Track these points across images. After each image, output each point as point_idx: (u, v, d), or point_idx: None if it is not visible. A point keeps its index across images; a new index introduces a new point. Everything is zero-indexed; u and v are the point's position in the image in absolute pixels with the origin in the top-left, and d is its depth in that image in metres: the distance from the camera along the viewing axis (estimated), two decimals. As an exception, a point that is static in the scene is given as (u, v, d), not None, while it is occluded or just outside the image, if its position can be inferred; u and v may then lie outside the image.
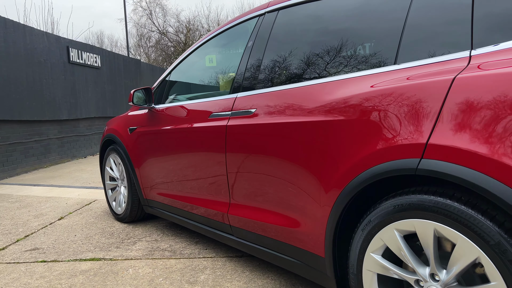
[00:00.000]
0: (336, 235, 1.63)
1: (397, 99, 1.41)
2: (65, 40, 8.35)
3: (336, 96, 1.62)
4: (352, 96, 1.56)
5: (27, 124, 7.11)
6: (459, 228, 1.21)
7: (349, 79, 1.64)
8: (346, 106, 1.57)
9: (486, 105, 1.17)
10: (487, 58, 1.26)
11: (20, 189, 5.40)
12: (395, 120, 1.39)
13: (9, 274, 2.48)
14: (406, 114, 1.37)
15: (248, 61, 2.18)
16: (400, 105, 1.39)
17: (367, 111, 1.49)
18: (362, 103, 1.51)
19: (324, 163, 1.64)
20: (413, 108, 1.35)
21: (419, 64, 1.43)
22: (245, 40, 2.27)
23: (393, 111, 1.41)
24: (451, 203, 1.23)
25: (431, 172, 1.26)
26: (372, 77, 1.55)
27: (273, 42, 2.08)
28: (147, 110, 3.01)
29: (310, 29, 2.01)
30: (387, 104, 1.43)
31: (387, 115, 1.42)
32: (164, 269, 2.43)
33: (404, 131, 1.36)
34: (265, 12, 2.19)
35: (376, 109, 1.46)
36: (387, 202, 1.42)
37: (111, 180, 3.64)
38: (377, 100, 1.46)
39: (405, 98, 1.38)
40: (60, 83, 8.05)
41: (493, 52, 1.26)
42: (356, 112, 1.52)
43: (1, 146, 6.47)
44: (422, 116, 1.32)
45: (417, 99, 1.35)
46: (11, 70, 6.59)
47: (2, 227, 3.54)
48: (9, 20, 6.60)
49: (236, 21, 2.43)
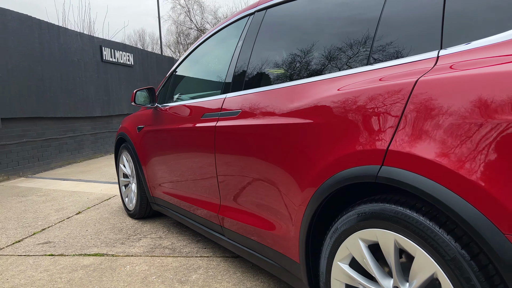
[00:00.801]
0: (309, 241, 1.58)
1: (359, 103, 1.34)
2: (98, 40, 8.66)
3: (305, 99, 1.58)
4: (318, 99, 1.51)
5: (61, 121, 7.45)
6: (417, 240, 1.14)
7: (319, 81, 1.58)
8: (312, 110, 1.52)
9: (446, 111, 1.09)
10: (454, 59, 1.17)
11: (50, 183, 5.67)
12: (358, 125, 1.33)
13: (17, 266, 2.62)
14: (368, 119, 1.30)
15: (237, 61, 2.16)
16: (362, 110, 1.33)
17: (331, 115, 1.44)
18: (326, 107, 1.46)
19: (295, 168, 1.60)
20: (375, 113, 1.29)
21: (387, 66, 1.35)
22: (237, 39, 2.25)
23: (355, 116, 1.35)
24: (410, 213, 1.16)
25: (390, 180, 1.19)
26: (341, 79, 1.49)
27: (259, 43, 2.05)
28: (152, 109, 3.06)
29: (286, 31, 1.97)
30: (350, 109, 1.37)
31: (350, 119, 1.36)
32: (159, 267, 2.47)
33: (366, 137, 1.30)
34: (254, 11, 2.16)
35: (339, 113, 1.40)
36: (352, 210, 1.36)
37: (125, 177, 3.74)
38: (340, 104, 1.41)
39: (368, 102, 1.32)
40: (93, 81, 8.36)
41: (461, 52, 1.17)
42: (321, 116, 1.47)
43: (36, 142, 6.83)
44: (384, 121, 1.25)
45: (379, 103, 1.28)
46: (45, 70, 6.92)
47: (24, 220, 3.74)
48: (43, 22, 6.92)
49: (232, 19, 2.41)
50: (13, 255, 2.83)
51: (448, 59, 1.19)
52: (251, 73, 2.06)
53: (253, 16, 2.16)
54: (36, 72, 6.71)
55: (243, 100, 2.00)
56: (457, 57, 1.17)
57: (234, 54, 2.21)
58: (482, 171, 0.98)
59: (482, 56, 1.10)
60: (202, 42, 2.72)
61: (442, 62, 1.20)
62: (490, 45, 1.12)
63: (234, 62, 2.19)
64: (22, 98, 6.38)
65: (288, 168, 1.65)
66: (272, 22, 2.02)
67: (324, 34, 1.72)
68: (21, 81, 6.37)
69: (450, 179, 1.04)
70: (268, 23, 2.03)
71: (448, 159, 1.06)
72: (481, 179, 0.98)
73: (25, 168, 6.54)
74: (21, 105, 6.37)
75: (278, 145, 1.69)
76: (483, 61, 1.08)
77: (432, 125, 1.12)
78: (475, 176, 0.99)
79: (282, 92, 1.75)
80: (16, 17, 6.30)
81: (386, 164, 1.21)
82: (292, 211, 1.64)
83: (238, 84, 2.11)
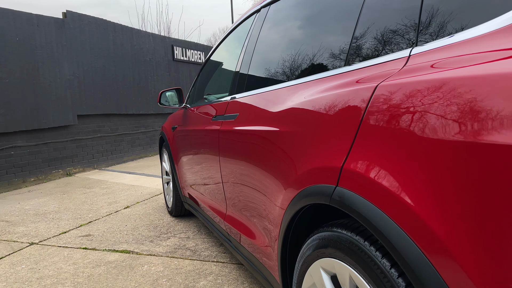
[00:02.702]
0: (286, 262, 1.42)
1: (321, 112, 1.15)
2: (170, 40, 9.04)
3: (277, 106, 1.43)
4: (286, 106, 1.37)
5: (133, 117, 7.92)
6: (368, 280, 0.94)
7: (296, 85, 1.42)
8: (280, 117, 1.39)
9: (396, 126, 0.87)
10: (425, 58, 0.93)
11: (116, 176, 6.06)
12: (319, 137, 1.14)
13: (53, 257, 2.79)
14: (327, 130, 1.11)
15: (242, 62, 2.05)
16: (321, 120, 1.14)
17: (296, 124, 1.28)
18: (290, 115, 1.32)
19: (273, 181, 1.45)
20: (334, 124, 1.09)
21: (354, 69, 1.14)
22: (244, 39, 2.13)
23: (314, 127, 1.17)
24: (363, 246, 0.96)
25: (339, 203, 1.00)
26: (311, 84, 1.31)
27: (259, 44, 1.91)
28: (183, 109, 3.06)
29: (278, 34, 1.81)
30: (311, 119, 1.19)
31: (310, 130, 1.18)
32: (173, 270, 2.46)
33: (325, 151, 1.11)
34: (260, 7, 2.01)
35: (302, 123, 1.24)
36: (315, 234, 1.18)
37: (167, 174, 3.83)
38: (303, 114, 1.24)
39: (329, 111, 1.12)
40: (164, 80, 8.76)
41: (437, 49, 0.93)
42: (288, 125, 1.32)
43: (110, 137, 7.35)
44: (341, 133, 1.05)
45: (340, 113, 1.08)
46: (119, 69, 7.40)
47: (79, 212, 4.02)
48: (117, 25, 7.39)
49: (242, 18, 2.29)
50: (54, 245, 3.04)
51: (419, 58, 0.95)
52: (252, 74, 1.93)
53: (258, 14, 2.02)
54: (110, 72, 7.20)
55: (241, 103, 1.88)
56: (429, 55, 0.93)
57: (240, 55, 2.09)
58: (427, 200, 0.76)
59: (460, 53, 0.86)
60: (224, 39, 2.63)
61: (412, 62, 0.96)
62: (473, 38, 0.87)
63: (240, 63, 2.08)
64: (97, 96, 6.89)
65: (266, 179, 1.51)
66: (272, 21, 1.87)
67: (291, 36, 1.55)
68: (96, 81, 6.88)
69: (397, 210, 0.83)
70: (269, 22, 1.88)
71: (392, 184, 0.85)
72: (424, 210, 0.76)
73: (99, 161, 7.07)
74: (96, 103, 6.88)
75: (258, 152, 1.56)
76: (456, 60, 0.85)
77: (384, 141, 0.90)
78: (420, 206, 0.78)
79: (266, 97, 1.62)
80: (92, 21, 6.81)
81: (340, 185, 1.02)
82: (271, 227, 1.50)
83: (241, 85, 1.99)
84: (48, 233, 3.36)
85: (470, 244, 0.68)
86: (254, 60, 1.91)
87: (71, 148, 6.51)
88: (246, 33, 2.10)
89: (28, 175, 5.79)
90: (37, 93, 5.80)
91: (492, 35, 0.81)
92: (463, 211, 0.70)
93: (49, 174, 6.12)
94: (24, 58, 5.60)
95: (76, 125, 6.57)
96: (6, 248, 3.03)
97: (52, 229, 3.46)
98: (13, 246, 3.06)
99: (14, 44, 5.46)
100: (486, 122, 0.67)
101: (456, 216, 0.71)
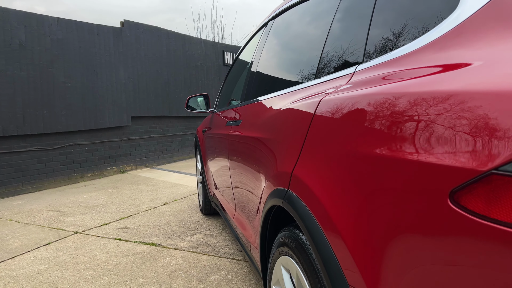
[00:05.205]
0: (266, 260, 1.53)
1: (285, 122, 1.29)
2: (221, 45, 9.37)
3: (263, 115, 1.60)
4: (266, 118, 1.52)
5: (184, 119, 8.32)
6: (306, 276, 1.03)
7: (275, 97, 1.56)
8: (262, 126, 1.52)
9: (331, 136, 0.96)
10: (364, 75, 1.01)
11: (163, 175, 6.43)
12: (283, 144, 1.26)
13: (91, 245, 3.10)
14: (288, 138, 1.22)
15: (249, 71, 2.18)
16: (286, 129, 1.28)
17: (271, 131, 1.41)
18: (268, 125, 1.45)
19: (258, 183, 1.57)
20: (291, 133, 1.20)
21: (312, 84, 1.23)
22: (254, 49, 2.26)
23: (281, 135, 1.30)
24: (307, 246, 1.05)
25: (287, 205, 1.09)
26: (285, 97, 1.43)
27: (262, 55, 2.03)
28: (211, 113, 3.25)
29: (271, 49, 1.93)
30: (279, 127, 1.35)
31: (279, 138, 1.33)
32: (191, 263, 2.64)
33: (285, 157, 1.21)
34: (268, 20, 2.13)
35: (274, 131, 1.38)
36: (280, 233, 1.28)
37: (200, 174, 4.04)
38: (274, 123, 1.38)
39: (289, 121, 1.25)
40: (214, 83, 9.10)
41: (374, 66, 1.00)
42: (266, 133, 1.47)
43: (161, 137, 7.78)
44: (295, 142, 1.15)
45: (294, 123, 1.19)
46: (171, 74, 7.83)
47: (122, 206, 4.36)
48: (171, 32, 7.83)
49: (256, 29, 2.41)
50: (94, 235, 3.36)
51: (360, 75, 1.03)
52: (252, 84, 2.05)
53: (274, 21, 2.13)
54: (163, 77, 7.64)
55: (244, 110, 2.01)
56: (369, 72, 1.00)
57: (250, 63, 2.23)
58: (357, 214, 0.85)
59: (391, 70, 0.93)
60: (244, 46, 2.77)
61: (355, 78, 1.04)
62: (406, 54, 0.93)
63: (250, 70, 2.21)
64: (149, 99, 7.35)
65: (255, 181, 1.63)
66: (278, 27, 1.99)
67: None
68: (149, 85, 7.34)
69: (330, 222, 0.92)
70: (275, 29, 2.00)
71: (327, 195, 0.93)
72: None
73: (150, 160, 7.53)
74: (148, 106, 7.35)
75: (249, 156, 1.69)
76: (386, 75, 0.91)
77: (322, 147, 0.99)
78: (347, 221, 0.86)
79: (256, 106, 1.76)
80: (147, 29, 7.28)
81: (290, 188, 1.11)
82: (256, 228, 1.61)
83: (247, 93, 2.12)
84: (91, 224, 3.71)
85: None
86: (256, 70, 2.03)
87: (125, 147, 7.00)
88: (256, 44, 2.22)
89: (85, 171, 6.33)
90: (95, 96, 6.33)
91: (421, 51, 0.87)
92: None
93: (104, 170, 6.64)
94: (84, 64, 6.15)
95: (130, 126, 7.05)
96: (54, 235, 3.40)
97: (96, 221, 3.80)
98: (60, 234, 3.43)
99: (76, 52, 6.02)
100: (390, 133, 0.73)
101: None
